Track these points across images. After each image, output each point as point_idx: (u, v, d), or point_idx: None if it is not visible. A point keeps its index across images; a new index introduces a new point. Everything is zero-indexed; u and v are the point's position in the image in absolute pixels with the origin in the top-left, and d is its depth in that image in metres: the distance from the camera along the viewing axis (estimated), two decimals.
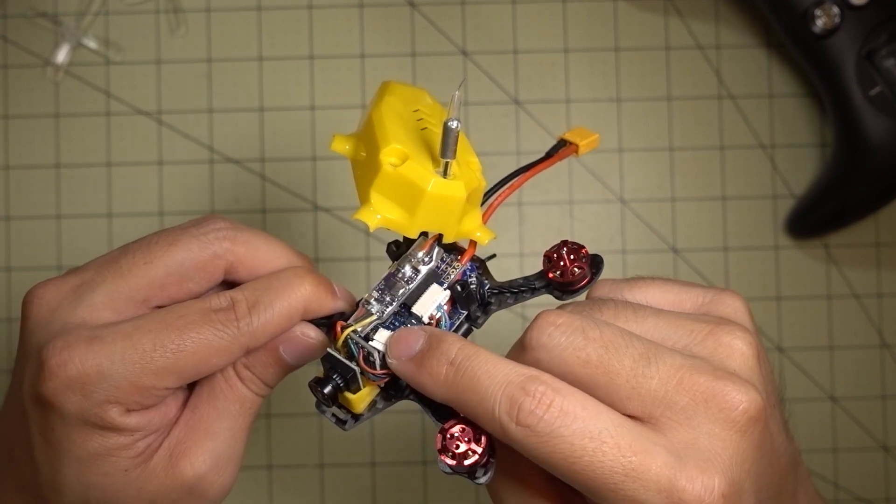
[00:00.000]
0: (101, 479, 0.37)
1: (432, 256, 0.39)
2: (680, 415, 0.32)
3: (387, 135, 0.36)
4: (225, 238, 0.39)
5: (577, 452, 0.31)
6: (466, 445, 0.33)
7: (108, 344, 0.36)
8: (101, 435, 0.37)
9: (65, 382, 0.36)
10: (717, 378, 0.33)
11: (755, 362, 0.35)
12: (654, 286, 0.38)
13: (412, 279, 0.38)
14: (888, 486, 0.63)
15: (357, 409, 0.37)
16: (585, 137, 0.41)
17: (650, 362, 0.33)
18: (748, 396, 0.33)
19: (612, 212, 0.63)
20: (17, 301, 0.62)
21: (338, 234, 0.63)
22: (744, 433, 0.33)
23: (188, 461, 0.38)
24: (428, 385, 0.34)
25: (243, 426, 0.40)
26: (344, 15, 0.63)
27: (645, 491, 0.31)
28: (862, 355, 0.63)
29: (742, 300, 0.37)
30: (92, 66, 0.63)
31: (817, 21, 0.58)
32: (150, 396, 0.37)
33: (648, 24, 0.63)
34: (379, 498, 0.62)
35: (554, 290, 0.39)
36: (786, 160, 0.64)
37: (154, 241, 0.39)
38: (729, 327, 0.35)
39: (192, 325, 0.37)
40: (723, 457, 0.32)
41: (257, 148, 0.63)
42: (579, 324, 0.33)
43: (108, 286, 0.38)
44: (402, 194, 0.36)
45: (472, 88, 0.63)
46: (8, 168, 0.62)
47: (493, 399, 0.32)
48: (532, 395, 0.32)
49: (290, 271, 0.39)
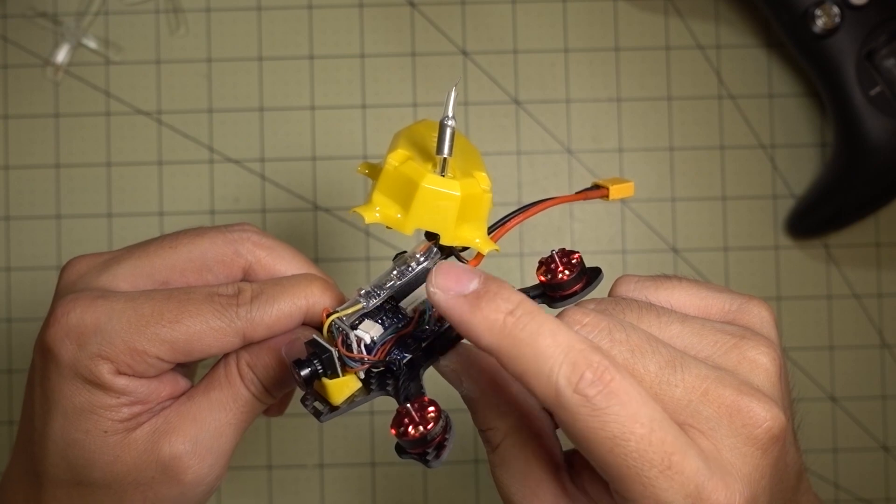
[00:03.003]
0: (81, 436, 0.38)
1: (429, 257, 0.39)
2: (704, 425, 0.33)
3: (396, 145, 0.38)
4: (249, 240, 0.40)
5: (626, 435, 0.31)
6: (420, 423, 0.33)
7: (111, 302, 0.38)
8: (88, 391, 0.38)
9: (63, 329, 0.37)
10: (741, 393, 0.33)
11: (777, 379, 0.35)
12: (680, 288, 0.38)
13: (404, 275, 0.39)
14: (888, 486, 0.63)
15: (335, 399, 0.37)
16: (617, 183, 0.41)
17: (675, 370, 0.33)
18: (772, 415, 0.33)
19: (612, 212, 0.63)
20: (17, 301, 0.62)
21: (338, 234, 0.63)
22: (765, 451, 0.33)
23: (168, 440, 0.39)
24: (479, 329, 0.32)
25: (233, 422, 0.40)
26: (344, 15, 0.63)
27: (674, 492, 0.31)
28: (862, 355, 0.63)
29: (769, 310, 0.37)
30: (92, 66, 0.63)
31: (817, 21, 0.58)
32: (141, 362, 0.38)
33: (648, 24, 0.63)
34: (379, 498, 0.62)
35: (546, 296, 0.39)
36: (786, 160, 0.64)
37: (183, 232, 0.41)
38: (754, 342, 0.35)
39: (193, 301, 0.38)
40: (743, 471, 0.32)
41: (257, 148, 0.63)
42: (606, 325, 0.33)
43: (133, 262, 0.40)
44: (400, 191, 0.37)
45: (472, 88, 0.63)
46: (8, 168, 0.62)
47: (553, 359, 0.31)
48: (595, 366, 0.31)
49: (303, 275, 0.40)
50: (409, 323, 0.38)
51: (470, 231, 0.38)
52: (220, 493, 0.62)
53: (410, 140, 0.38)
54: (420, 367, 0.38)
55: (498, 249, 0.39)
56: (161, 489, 0.39)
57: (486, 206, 0.39)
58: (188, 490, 0.40)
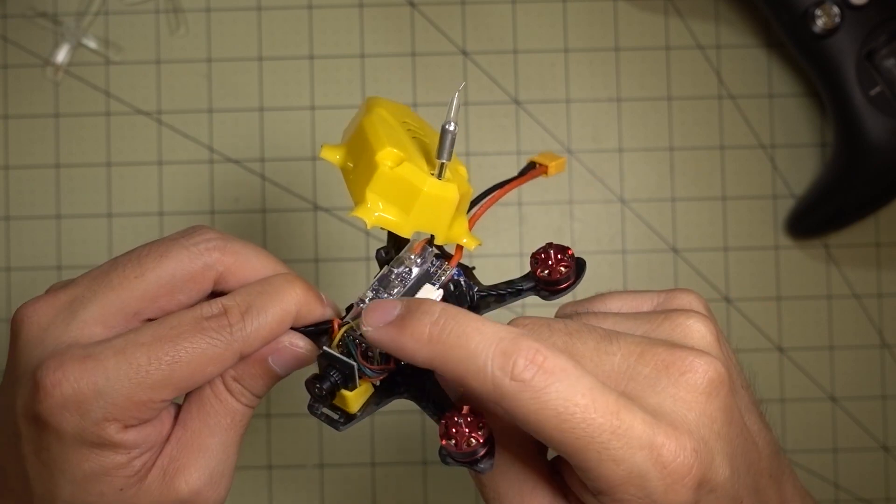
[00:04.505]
0: (96, 499, 0.37)
1: (424, 258, 0.39)
2: (643, 383, 0.33)
3: (381, 139, 0.37)
4: (215, 248, 0.39)
5: (570, 409, 0.31)
6: (469, 431, 0.34)
7: (102, 361, 0.36)
8: (98, 454, 0.37)
9: (60, 402, 0.35)
10: (675, 348, 0.34)
11: (714, 340, 0.36)
12: (612, 297, 0.40)
13: (406, 278, 0.39)
14: (888, 486, 0.63)
15: (352, 408, 0.37)
16: (554, 160, 0.43)
17: (612, 342, 0.34)
18: (706, 360, 0.34)
19: (612, 212, 0.63)
20: (17, 301, 0.62)
21: (338, 234, 0.63)
22: (708, 395, 0.33)
23: (183, 478, 0.38)
24: (410, 347, 0.33)
25: (235, 439, 0.40)
26: (344, 15, 0.63)
27: (629, 449, 0.32)
28: (862, 355, 0.63)
29: (695, 295, 0.38)
30: (92, 66, 0.63)
31: (817, 21, 0.58)
32: (147, 410, 0.37)
33: (648, 24, 0.63)
34: (379, 498, 0.62)
35: (541, 289, 0.39)
36: (786, 160, 0.64)
37: (144, 253, 0.38)
38: (685, 312, 0.36)
39: (185, 335, 0.37)
40: (689, 417, 0.33)
41: (257, 148, 0.63)
42: (544, 321, 0.35)
43: (100, 301, 0.37)
44: (399, 194, 0.37)
45: (472, 88, 0.63)
46: (8, 168, 0.62)
47: (484, 354, 0.32)
48: (525, 350, 0.32)
49: (281, 277, 0.39)
50: None
51: (458, 228, 0.39)
52: None
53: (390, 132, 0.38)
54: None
55: (480, 243, 0.40)
56: None
57: (468, 201, 0.40)
58: None
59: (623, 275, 0.63)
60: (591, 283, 0.42)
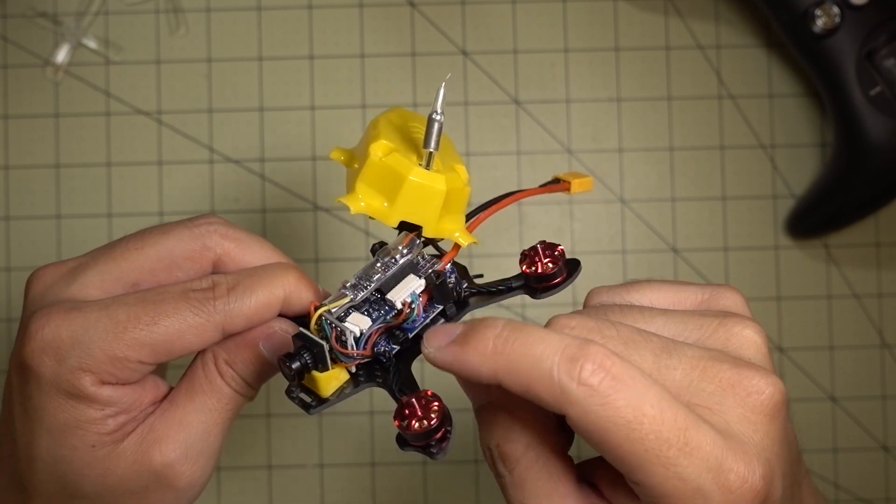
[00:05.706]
0: (69, 453, 0.38)
1: (411, 249, 0.39)
2: (709, 400, 0.33)
3: (378, 134, 0.38)
4: (216, 232, 0.40)
5: (639, 418, 0.31)
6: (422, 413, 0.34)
7: (85, 313, 0.37)
8: (72, 405, 0.37)
9: (40, 345, 0.37)
10: (739, 366, 0.33)
11: (766, 350, 0.35)
12: (650, 288, 0.38)
13: (388, 267, 0.39)
14: (888, 486, 0.63)
15: (324, 392, 0.37)
16: (578, 177, 0.43)
17: (671, 355, 0.33)
18: (771, 381, 0.33)
19: (612, 212, 0.63)
20: (17, 301, 0.62)
21: (338, 234, 0.63)
22: (772, 418, 0.33)
23: (158, 449, 0.39)
24: (474, 361, 0.33)
25: (219, 421, 0.40)
26: (344, 15, 0.63)
27: (695, 468, 0.31)
28: (862, 355, 0.63)
29: (739, 294, 0.38)
30: (92, 66, 0.63)
31: (817, 21, 0.58)
32: (124, 369, 0.37)
33: (648, 24, 0.63)
34: (379, 498, 0.62)
35: (529, 286, 0.39)
36: (786, 160, 0.64)
37: (148, 231, 0.40)
38: (736, 318, 0.35)
39: (168, 300, 0.38)
40: (755, 439, 0.32)
41: (257, 148, 0.63)
42: (594, 324, 0.34)
43: (100, 268, 0.39)
44: (385, 183, 0.37)
45: (472, 88, 0.63)
46: (8, 168, 0.62)
47: (550, 359, 0.31)
48: (593, 355, 0.31)
49: (276, 264, 0.40)
50: (398, 315, 0.38)
51: (450, 223, 0.39)
52: (220, 494, 0.62)
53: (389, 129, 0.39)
54: (410, 358, 0.39)
55: (476, 242, 0.40)
56: (155, 496, 0.39)
57: (465, 200, 0.40)
58: (182, 494, 0.40)
59: (623, 275, 0.63)
60: (591, 283, 0.42)
